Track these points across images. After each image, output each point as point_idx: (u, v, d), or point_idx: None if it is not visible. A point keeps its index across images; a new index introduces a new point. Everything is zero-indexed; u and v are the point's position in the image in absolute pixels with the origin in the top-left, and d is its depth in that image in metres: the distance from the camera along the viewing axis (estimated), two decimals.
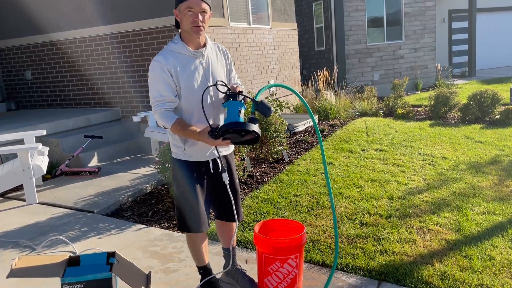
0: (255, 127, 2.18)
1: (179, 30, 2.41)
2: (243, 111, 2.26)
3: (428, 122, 7.71)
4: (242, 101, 2.27)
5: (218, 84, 2.32)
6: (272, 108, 2.18)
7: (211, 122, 2.36)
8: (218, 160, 2.48)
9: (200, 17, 2.27)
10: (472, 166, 4.95)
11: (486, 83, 12.61)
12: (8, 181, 4.46)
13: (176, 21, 2.39)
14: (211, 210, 2.64)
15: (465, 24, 15.93)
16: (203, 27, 2.31)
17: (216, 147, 2.42)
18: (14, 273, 2.19)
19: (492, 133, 6.50)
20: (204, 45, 2.41)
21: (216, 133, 2.16)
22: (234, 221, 2.65)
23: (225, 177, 2.39)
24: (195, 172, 2.44)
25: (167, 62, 2.29)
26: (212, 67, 2.42)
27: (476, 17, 14.41)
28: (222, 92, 2.34)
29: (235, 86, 2.35)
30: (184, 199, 2.46)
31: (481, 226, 3.41)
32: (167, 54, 2.33)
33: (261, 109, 2.26)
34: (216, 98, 2.42)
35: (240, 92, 2.28)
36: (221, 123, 2.43)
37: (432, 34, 13.11)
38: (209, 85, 2.38)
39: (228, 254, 2.77)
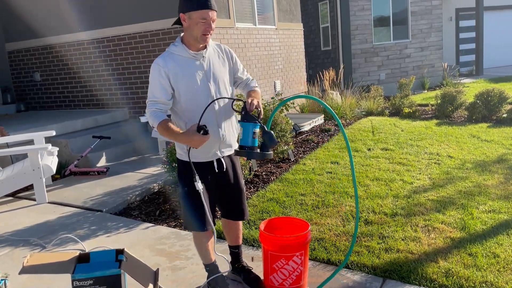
0: (266, 154, 2.27)
1: (181, 34, 2.44)
2: (257, 131, 2.31)
3: (435, 121, 7.69)
4: (256, 121, 2.30)
5: (234, 100, 2.33)
6: (278, 141, 2.24)
7: (216, 124, 2.42)
8: (222, 160, 2.52)
9: (213, 26, 2.33)
10: (478, 165, 4.95)
11: (494, 81, 12.53)
12: (19, 181, 4.54)
13: (177, 21, 2.40)
14: (217, 208, 2.69)
15: (472, 22, 15.82)
16: (211, 34, 2.37)
17: (219, 147, 2.46)
18: (26, 269, 2.24)
19: (499, 132, 6.48)
20: (205, 47, 2.43)
21: (204, 130, 2.23)
22: (239, 219, 2.69)
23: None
24: (199, 173, 2.47)
25: (166, 65, 2.34)
26: (213, 68, 2.44)
27: (484, 16, 14.31)
28: (236, 110, 2.41)
29: (250, 100, 2.34)
30: (190, 199, 2.49)
31: (486, 224, 3.42)
32: (167, 57, 2.37)
33: (266, 139, 2.29)
34: (218, 100, 2.45)
35: (254, 115, 2.28)
36: (231, 128, 2.50)
37: (439, 33, 13.05)
38: (211, 88, 2.40)
39: (234, 251, 2.81)
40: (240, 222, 2.81)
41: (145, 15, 6.71)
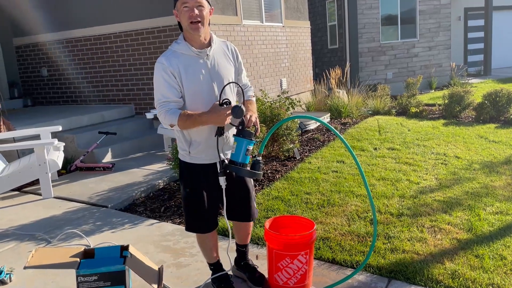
0: (255, 174, 2.26)
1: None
2: (251, 148, 2.27)
3: (442, 121, 7.64)
4: (252, 138, 2.25)
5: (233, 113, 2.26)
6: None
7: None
8: (226, 161, 2.47)
9: (196, 12, 2.20)
10: (485, 166, 4.90)
11: (502, 82, 12.42)
12: (25, 175, 4.56)
13: (179, 23, 2.33)
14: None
15: (481, 22, 15.68)
16: (202, 23, 2.24)
17: (222, 149, 2.41)
18: (31, 264, 2.25)
19: (507, 133, 6.42)
20: (209, 44, 2.36)
21: (226, 104, 2.24)
22: (246, 220, 2.64)
23: (222, 181, 2.35)
24: (201, 174, 2.43)
25: (170, 64, 2.26)
26: (218, 67, 2.37)
27: (493, 15, 14.18)
28: (234, 125, 2.34)
29: (249, 116, 2.31)
30: (192, 200, 2.46)
31: (493, 225, 3.39)
32: (170, 55, 2.30)
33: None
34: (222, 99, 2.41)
35: (251, 131, 2.24)
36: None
37: (447, 32, 12.95)
38: (215, 88, 2.34)
39: (240, 250, 2.78)
40: (251, 222, 2.73)
41: (152, 11, 6.71)
